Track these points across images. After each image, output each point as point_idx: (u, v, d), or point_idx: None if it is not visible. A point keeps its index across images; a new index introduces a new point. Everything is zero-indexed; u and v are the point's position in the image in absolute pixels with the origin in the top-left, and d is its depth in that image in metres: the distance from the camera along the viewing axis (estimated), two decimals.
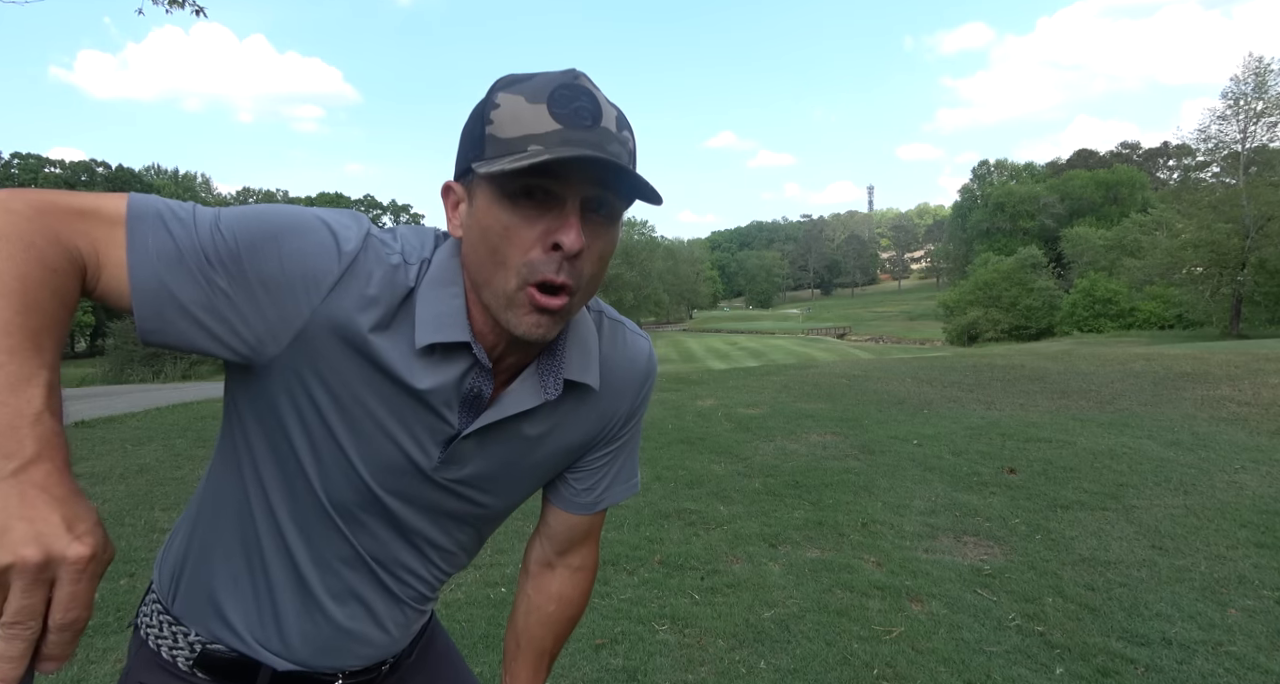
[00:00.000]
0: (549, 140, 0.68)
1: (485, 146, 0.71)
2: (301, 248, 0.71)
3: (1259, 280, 30.64)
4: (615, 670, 2.53)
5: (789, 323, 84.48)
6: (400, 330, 0.75)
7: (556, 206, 0.70)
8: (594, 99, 0.71)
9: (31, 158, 66.18)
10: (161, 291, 0.67)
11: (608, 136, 0.71)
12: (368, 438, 0.77)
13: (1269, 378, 8.13)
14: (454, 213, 0.77)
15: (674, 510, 4.26)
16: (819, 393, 8.62)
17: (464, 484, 0.84)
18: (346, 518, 0.81)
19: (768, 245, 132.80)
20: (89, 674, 2.53)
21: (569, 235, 0.69)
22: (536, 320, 0.73)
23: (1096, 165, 77.65)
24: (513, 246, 0.71)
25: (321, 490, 0.79)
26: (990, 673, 2.47)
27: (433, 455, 0.80)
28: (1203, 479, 4.78)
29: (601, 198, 0.72)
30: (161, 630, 0.87)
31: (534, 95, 0.70)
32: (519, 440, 0.84)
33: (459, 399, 0.78)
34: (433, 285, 0.76)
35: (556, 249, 0.70)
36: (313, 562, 0.82)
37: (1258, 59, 32.85)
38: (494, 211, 0.71)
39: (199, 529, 0.86)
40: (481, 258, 0.73)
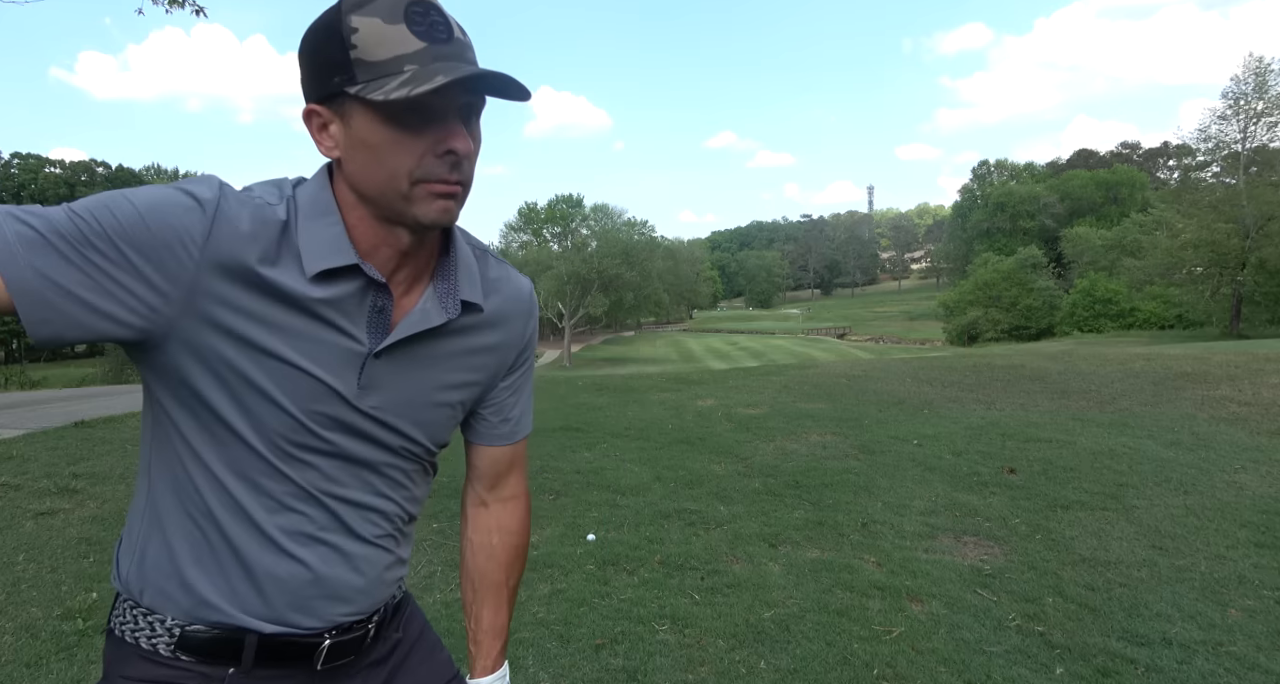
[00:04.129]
0: (421, 58, 0.73)
1: (355, 70, 0.74)
2: (163, 209, 0.73)
3: (1259, 280, 30.62)
4: (615, 670, 2.53)
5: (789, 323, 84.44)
6: (286, 263, 0.78)
7: (441, 117, 0.76)
8: (441, 11, 0.76)
9: (31, 158, 66.16)
10: (38, 280, 0.67)
11: (462, 46, 0.77)
12: (284, 376, 0.79)
13: (1269, 378, 8.13)
14: (322, 135, 0.79)
15: (674, 510, 4.26)
16: (819, 393, 8.62)
17: (387, 412, 0.86)
18: (285, 458, 0.82)
19: (768, 245, 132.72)
20: (89, 674, 2.53)
21: (458, 141, 0.77)
22: (443, 206, 0.79)
23: (1096, 165, 77.64)
24: (403, 156, 0.76)
25: (255, 437, 0.81)
26: (990, 673, 2.47)
27: (350, 381, 0.82)
28: (1203, 479, 4.77)
29: (473, 103, 0.79)
30: (137, 623, 0.86)
31: (389, 15, 0.74)
32: (428, 362, 0.88)
33: (365, 317, 0.82)
34: (308, 218, 0.79)
35: (449, 154, 0.77)
36: (265, 509, 0.83)
37: (1258, 59, 32.82)
38: (379, 130, 0.75)
39: (148, 516, 0.86)
40: (371, 171, 0.78)
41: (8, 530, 3.98)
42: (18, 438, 6.46)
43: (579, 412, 7.72)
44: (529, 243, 65.40)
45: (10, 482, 4.91)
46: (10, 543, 3.79)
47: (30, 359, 51.44)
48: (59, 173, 65.82)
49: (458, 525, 4.21)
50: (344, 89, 0.75)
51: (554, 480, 4.93)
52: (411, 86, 0.71)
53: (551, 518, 4.16)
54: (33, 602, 3.09)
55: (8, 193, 62.62)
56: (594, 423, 7.03)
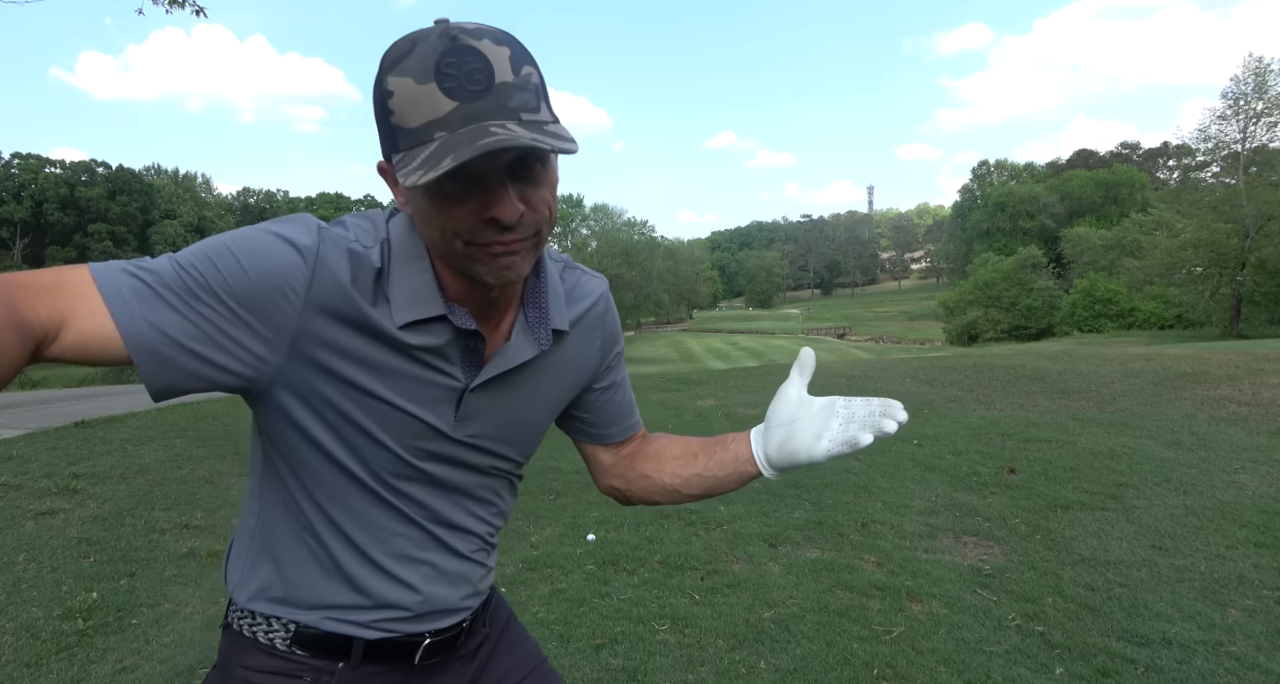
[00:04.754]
0: (450, 123, 0.69)
1: (396, 137, 0.72)
2: (265, 260, 0.73)
3: (1259, 280, 30.63)
4: (615, 670, 2.53)
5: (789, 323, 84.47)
6: (382, 308, 0.79)
7: (482, 184, 0.72)
8: (479, 55, 0.70)
9: (32, 158, 66.18)
10: (152, 333, 0.69)
11: (507, 91, 0.70)
12: (384, 415, 0.82)
13: (1269, 378, 8.13)
14: (396, 189, 0.79)
15: (674, 510, 4.26)
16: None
17: (483, 437, 0.89)
18: (387, 488, 0.86)
19: (768, 245, 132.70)
20: (89, 674, 2.53)
21: (503, 209, 0.72)
22: (503, 264, 0.76)
23: (1096, 165, 77.65)
24: (449, 222, 0.74)
25: (359, 470, 0.84)
26: (990, 673, 2.47)
27: (447, 416, 0.85)
28: (1203, 479, 4.77)
29: (526, 157, 0.73)
30: (254, 618, 0.91)
31: (421, 74, 0.69)
32: (521, 389, 0.90)
33: (459, 355, 0.84)
34: (400, 263, 0.80)
35: (494, 221, 0.73)
36: (370, 536, 0.88)
37: (1258, 59, 32.86)
38: (424, 201, 0.74)
39: (259, 534, 0.91)
40: (428, 236, 0.77)
41: (8, 530, 3.99)
42: (18, 438, 6.46)
43: None
44: None
45: (10, 482, 4.91)
46: (10, 543, 3.79)
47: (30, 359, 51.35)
48: (59, 173, 65.83)
49: None
50: (390, 156, 0.75)
51: (554, 480, 4.93)
52: (424, 171, 0.68)
53: (551, 518, 4.16)
54: (33, 602, 3.09)
55: (8, 193, 62.63)
56: None
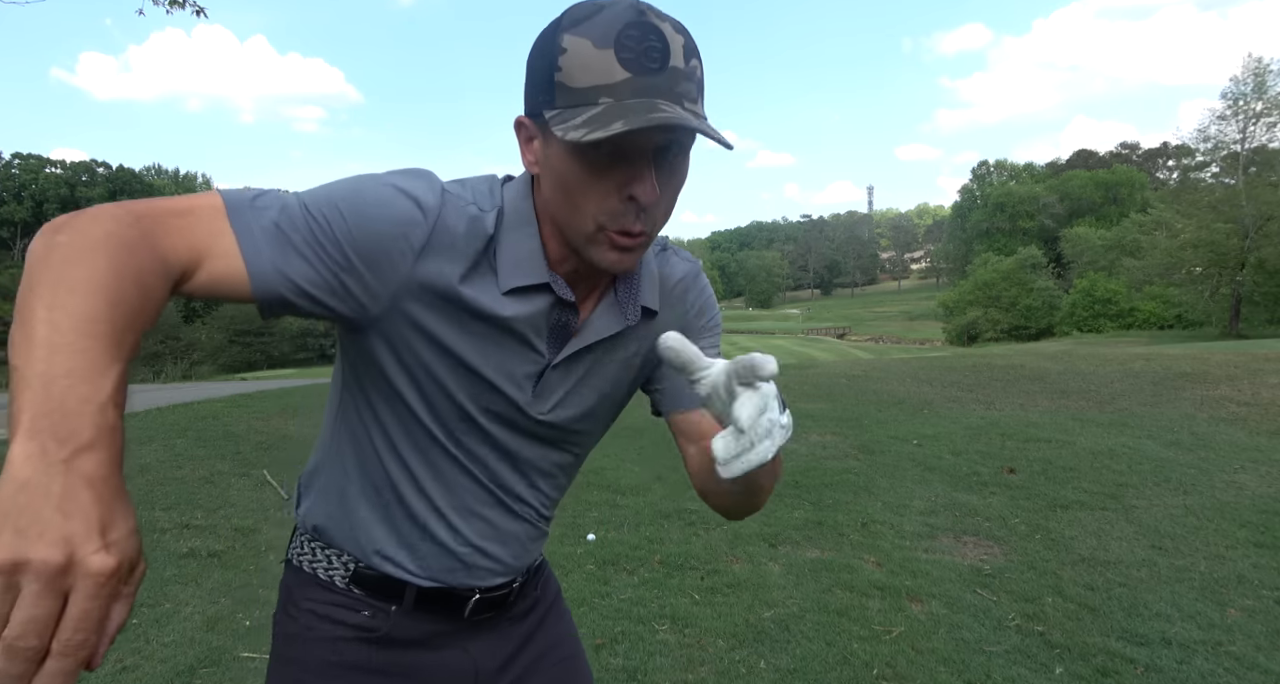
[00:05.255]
0: (619, 91, 0.70)
1: (555, 94, 0.72)
2: (390, 215, 0.75)
3: (1258, 280, 30.63)
4: (615, 670, 2.53)
5: (789, 323, 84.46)
6: (485, 275, 0.81)
7: (630, 157, 0.72)
8: (661, 35, 0.71)
9: (32, 158, 66.14)
10: (277, 276, 0.72)
11: (676, 76, 0.71)
12: (464, 375, 0.84)
13: (1268, 378, 8.14)
14: (528, 147, 0.79)
15: (674, 510, 4.26)
16: (819, 393, 8.63)
17: (557, 413, 0.90)
18: (458, 445, 0.88)
19: (768, 245, 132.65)
20: (89, 674, 2.53)
21: (644, 188, 0.73)
22: (619, 257, 0.78)
23: (1096, 165, 77.63)
24: (588, 196, 0.74)
25: (431, 421, 0.86)
26: (990, 673, 2.47)
27: (526, 389, 0.86)
28: (1202, 479, 4.78)
29: (673, 142, 0.73)
30: (315, 555, 0.94)
31: (601, 38, 0.70)
32: (601, 365, 0.90)
33: (548, 330, 0.84)
34: (510, 230, 0.81)
35: (632, 200, 0.74)
36: (435, 483, 0.90)
37: (1257, 59, 32.88)
38: (568, 162, 0.74)
39: (332, 468, 0.93)
40: (559, 201, 0.77)
41: None
42: None
43: None
44: None
45: None
46: None
47: None
48: (60, 173, 65.80)
49: None
50: (543, 111, 0.74)
51: None
52: (589, 129, 0.68)
53: None
54: None
55: (8, 193, 62.62)
56: None
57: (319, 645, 0.91)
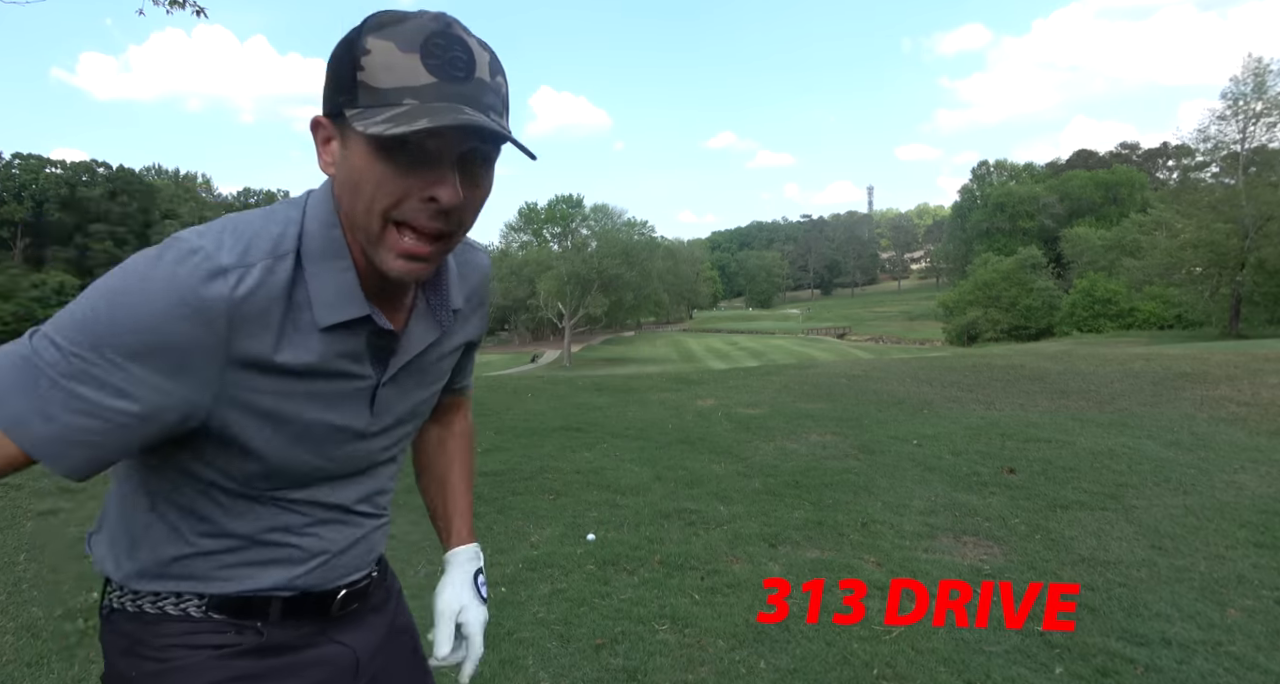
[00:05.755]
0: (424, 94, 0.70)
1: (358, 93, 0.72)
2: (161, 329, 0.70)
3: (1258, 280, 30.60)
4: (615, 670, 2.53)
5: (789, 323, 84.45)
6: (296, 324, 0.78)
7: (433, 161, 0.72)
8: (467, 47, 0.72)
9: (32, 158, 66.15)
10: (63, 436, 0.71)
11: (482, 88, 0.73)
12: (305, 432, 0.83)
13: (1268, 378, 8.14)
14: (324, 148, 0.78)
15: (674, 510, 4.26)
16: (819, 393, 8.62)
17: (393, 421, 0.93)
18: (303, 486, 0.88)
19: (768, 245, 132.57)
20: (89, 674, 2.53)
21: (446, 190, 0.73)
22: (407, 266, 0.77)
23: (1096, 165, 77.61)
24: (384, 195, 0.73)
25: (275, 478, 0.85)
26: (990, 673, 2.48)
27: (363, 414, 0.87)
28: (1202, 479, 4.78)
29: (476, 150, 0.75)
30: (159, 596, 0.89)
31: (407, 43, 0.70)
32: (424, 367, 0.93)
33: (369, 354, 0.85)
34: (319, 261, 0.78)
35: (432, 201, 0.73)
36: (284, 515, 0.89)
37: (1257, 59, 32.77)
38: (368, 161, 0.72)
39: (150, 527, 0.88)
40: (351, 197, 0.76)
41: (8, 530, 3.99)
42: None
43: (579, 411, 7.72)
44: (529, 243, 65.43)
45: (10, 481, 4.91)
46: (10, 543, 3.79)
47: None
48: (60, 173, 65.82)
49: None
50: (343, 110, 0.73)
51: (554, 480, 4.93)
52: (394, 124, 0.68)
53: (551, 518, 4.16)
54: (33, 601, 3.09)
55: (8, 193, 62.61)
56: (594, 423, 7.03)
57: (193, 671, 0.86)
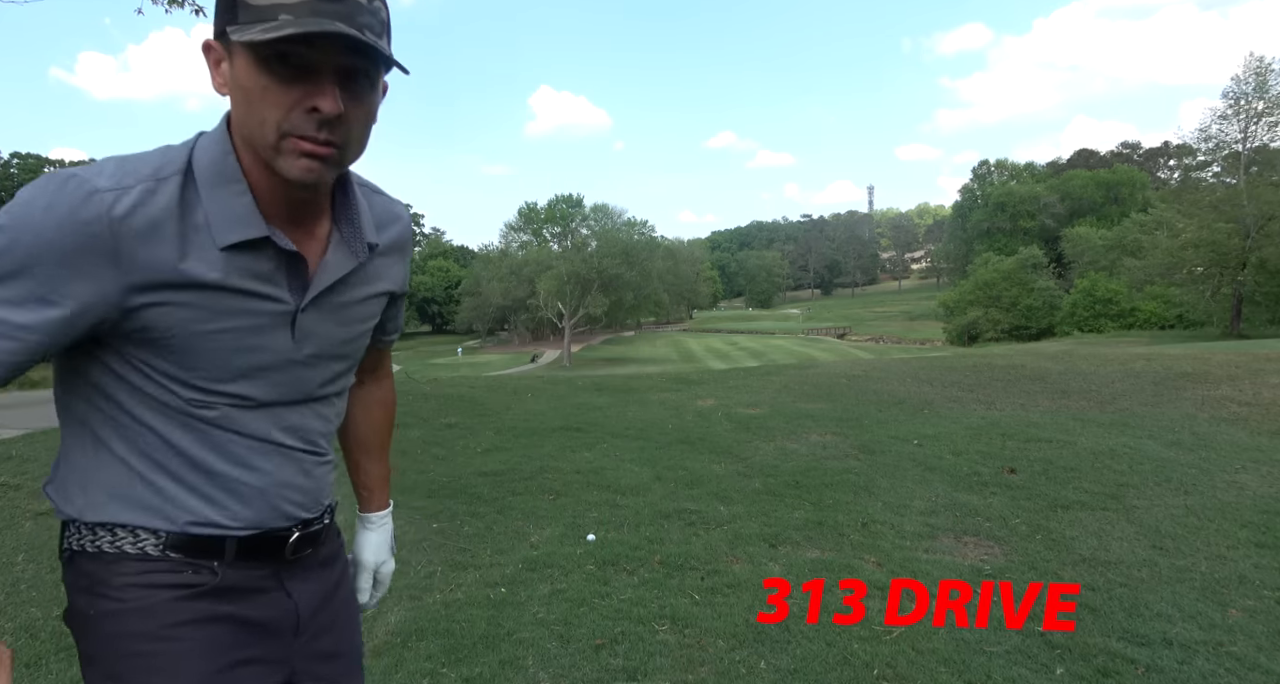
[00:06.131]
0: (299, 10, 0.75)
1: (238, 11, 0.78)
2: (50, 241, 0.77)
3: (1259, 280, 30.58)
4: (615, 670, 2.52)
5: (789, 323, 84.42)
6: (199, 242, 0.82)
7: (313, 74, 0.78)
8: None
9: (31, 157, 66.10)
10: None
11: (357, 8, 0.78)
12: (229, 349, 0.87)
13: (1269, 378, 8.13)
14: (216, 70, 0.84)
15: (674, 510, 4.26)
16: (819, 393, 8.62)
17: (321, 352, 0.96)
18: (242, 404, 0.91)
19: (768, 245, 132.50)
20: None
21: (325, 100, 0.78)
22: (308, 165, 0.81)
23: (1097, 165, 77.59)
24: (271, 106, 0.79)
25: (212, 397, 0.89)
26: (990, 673, 2.47)
27: (285, 338, 0.90)
28: (1203, 479, 4.77)
29: (356, 66, 0.80)
30: (116, 535, 0.91)
31: None
32: (345, 304, 0.97)
33: (284, 277, 0.88)
34: (214, 185, 0.83)
35: (315, 112, 0.79)
36: (232, 441, 0.92)
37: (1258, 59, 32.75)
38: (251, 74, 0.78)
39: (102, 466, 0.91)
40: (244, 115, 0.81)
41: (7, 530, 3.98)
42: (17, 438, 6.46)
43: (579, 411, 7.72)
44: (529, 243, 65.39)
45: (10, 482, 4.90)
46: (10, 543, 3.79)
47: None
48: None
49: (458, 526, 4.19)
50: (225, 28, 0.78)
51: (554, 480, 4.93)
52: (265, 32, 0.74)
53: (551, 518, 4.16)
54: (32, 602, 3.09)
55: (7, 192, 62.63)
56: (594, 423, 7.03)
57: (150, 613, 0.88)
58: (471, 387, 9.86)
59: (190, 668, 0.88)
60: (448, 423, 7.05)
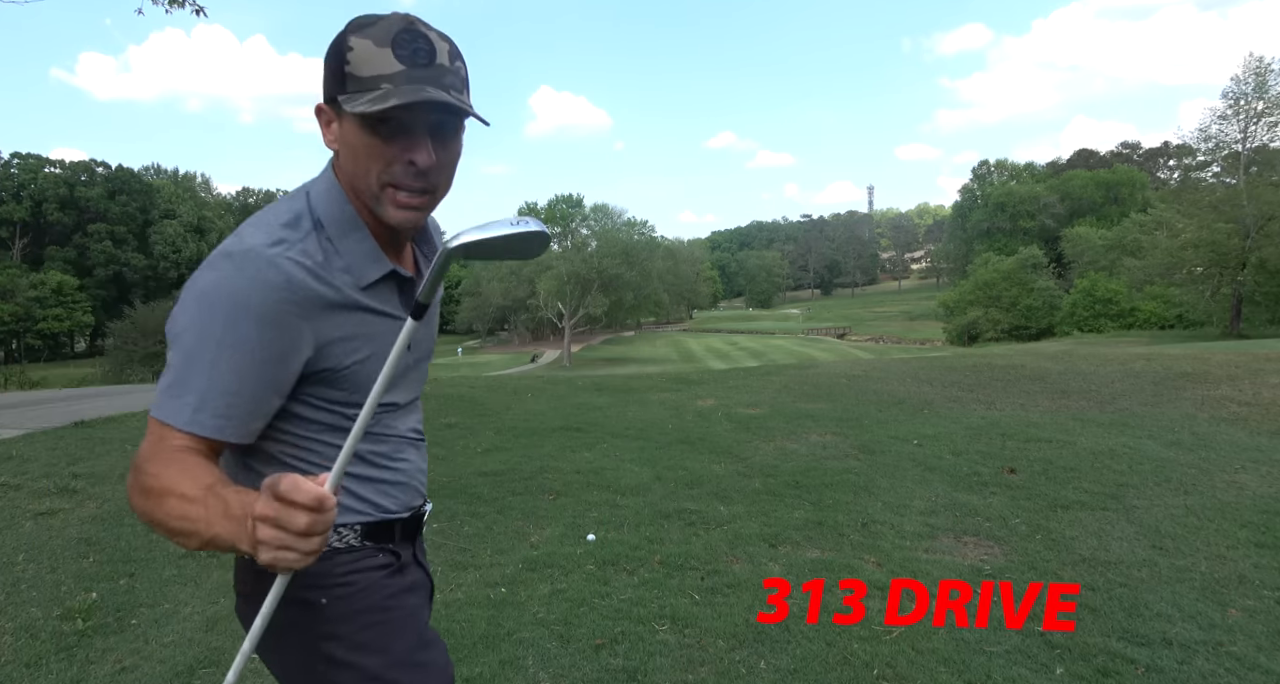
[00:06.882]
0: (396, 79, 0.90)
1: (346, 82, 0.93)
2: (271, 312, 0.93)
3: (1259, 280, 30.57)
4: (615, 670, 2.52)
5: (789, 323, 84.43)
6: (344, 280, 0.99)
7: (410, 132, 0.93)
8: (428, 40, 0.93)
9: (31, 158, 66.06)
10: None
11: (442, 71, 0.93)
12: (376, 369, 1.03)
13: (1269, 378, 8.13)
14: (327, 129, 0.99)
15: (674, 510, 4.26)
16: (819, 393, 8.62)
17: (422, 355, 1.18)
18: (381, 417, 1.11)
19: (768, 245, 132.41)
20: (89, 674, 2.53)
21: (420, 154, 0.94)
22: (406, 215, 0.98)
23: (1097, 165, 77.60)
24: (375, 160, 0.95)
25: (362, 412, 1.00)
26: (990, 673, 2.47)
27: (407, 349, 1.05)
28: (1203, 479, 4.77)
29: (444, 121, 0.95)
30: None
31: (380, 40, 0.91)
32: (431, 309, 1.14)
33: (398, 298, 1.07)
34: (342, 234, 1.00)
35: (411, 164, 0.94)
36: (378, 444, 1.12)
37: (1258, 59, 32.73)
38: (359, 135, 0.94)
39: None
40: (351, 167, 0.98)
41: (8, 530, 3.98)
42: (18, 438, 6.46)
43: (579, 412, 7.72)
44: None
45: (10, 482, 4.91)
46: (10, 543, 3.79)
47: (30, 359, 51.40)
48: (59, 173, 65.75)
49: (458, 526, 4.18)
50: (336, 96, 0.94)
51: (554, 480, 4.93)
52: (372, 104, 0.89)
53: (551, 518, 4.16)
54: (32, 602, 3.09)
55: (7, 192, 62.58)
56: (594, 423, 7.03)
57: (373, 590, 1.09)
58: (471, 387, 9.86)
59: (412, 626, 1.12)
60: (448, 423, 7.05)
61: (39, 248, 63.33)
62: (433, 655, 1.13)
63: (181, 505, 0.85)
